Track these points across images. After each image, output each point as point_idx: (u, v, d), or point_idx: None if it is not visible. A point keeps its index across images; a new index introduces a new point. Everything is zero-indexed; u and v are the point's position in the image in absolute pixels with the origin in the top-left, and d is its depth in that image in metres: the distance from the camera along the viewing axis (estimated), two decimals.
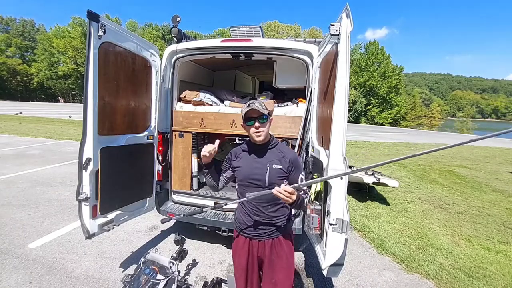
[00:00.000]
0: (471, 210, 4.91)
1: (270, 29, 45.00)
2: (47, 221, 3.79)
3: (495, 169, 8.96)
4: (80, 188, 2.22)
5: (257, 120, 1.52)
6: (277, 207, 1.64)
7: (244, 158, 1.65)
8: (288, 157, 1.60)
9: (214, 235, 3.14)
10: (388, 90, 41.80)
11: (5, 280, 2.53)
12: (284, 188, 1.30)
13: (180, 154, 3.28)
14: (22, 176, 5.84)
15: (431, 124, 42.89)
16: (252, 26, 3.38)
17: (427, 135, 24.27)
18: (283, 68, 3.38)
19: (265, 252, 1.64)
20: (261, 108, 1.51)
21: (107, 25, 2.13)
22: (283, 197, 1.30)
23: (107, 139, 2.36)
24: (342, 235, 1.63)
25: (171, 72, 3.12)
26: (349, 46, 1.64)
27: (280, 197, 1.31)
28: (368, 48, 44.29)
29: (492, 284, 2.78)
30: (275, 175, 1.56)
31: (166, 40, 52.52)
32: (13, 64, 55.28)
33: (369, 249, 3.43)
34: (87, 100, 2.10)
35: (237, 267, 1.74)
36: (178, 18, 2.97)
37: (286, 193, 1.29)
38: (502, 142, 19.07)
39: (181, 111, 3.24)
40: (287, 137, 2.91)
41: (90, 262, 2.88)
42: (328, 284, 2.74)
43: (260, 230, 1.62)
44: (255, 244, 1.66)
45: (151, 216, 3.86)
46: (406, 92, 57.16)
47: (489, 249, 3.50)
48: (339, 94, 1.66)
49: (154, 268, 1.89)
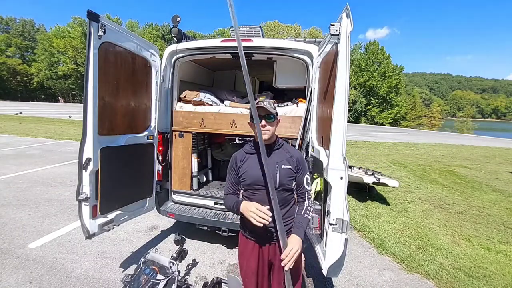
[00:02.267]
0: (471, 210, 4.91)
1: (270, 29, 44.98)
2: (47, 221, 3.79)
3: (495, 169, 8.96)
4: (80, 188, 2.22)
5: (264, 118, 1.50)
6: (288, 207, 1.61)
7: (250, 160, 1.59)
8: (296, 156, 1.59)
9: (214, 235, 3.14)
10: (388, 90, 41.79)
11: (5, 280, 2.53)
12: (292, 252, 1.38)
13: (180, 154, 3.28)
14: (22, 176, 5.84)
15: (431, 124, 42.89)
16: (252, 26, 3.38)
17: (427, 135, 24.27)
18: (283, 68, 3.38)
19: (276, 256, 1.60)
20: (269, 107, 1.49)
21: (107, 25, 2.13)
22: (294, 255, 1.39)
23: (107, 139, 2.36)
24: (342, 235, 1.63)
25: (171, 72, 3.12)
26: (349, 46, 1.64)
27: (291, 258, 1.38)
28: (368, 48, 44.31)
29: (492, 284, 2.78)
30: (285, 176, 1.53)
31: (166, 40, 52.53)
32: (13, 64, 55.26)
33: (369, 249, 3.43)
34: (87, 100, 2.10)
35: (246, 271, 1.69)
36: (178, 18, 2.97)
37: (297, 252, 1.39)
38: (502, 142, 19.09)
39: (181, 111, 3.24)
40: (287, 137, 2.91)
41: (90, 262, 2.88)
42: (328, 284, 2.74)
43: (271, 234, 1.58)
44: (265, 248, 1.62)
45: (151, 216, 3.86)
46: (406, 92, 57.17)
47: (489, 249, 3.50)
48: (339, 94, 1.66)
49: (154, 268, 1.89)
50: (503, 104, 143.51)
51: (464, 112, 61.33)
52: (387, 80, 41.42)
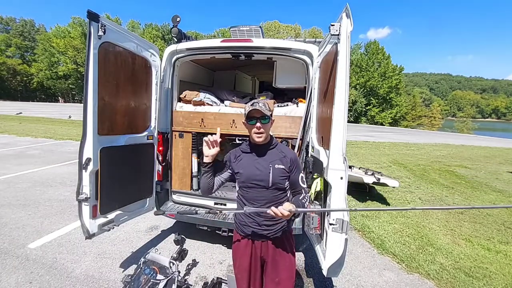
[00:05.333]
0: (471, 210, 4.90)
1: (270, 29, 44.98)
2: (47, 221, 3.79)
3: (495, 169, 8.95)
4: (80, 188, 2.21)
5: (259, 120, 1.52)
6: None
7: (245, 159, 1.64)
8: (289, 156, 1.62)
9: (214, 235, 3.14)
10: (388, 90, 41.81)
11: (5, 280, 2.53)
12: (281, 211, 1.36)
13: (180, 154, 3.28)
14: (22, 176, 5.85)
15: (431, 124, 42.91)
16: (252, 26, 3.38)
17: (427, 135, 24.28)
18: (283, 68, 3.38)
19: (269, 252, 1.64)
20: (264, 108, 1.51)
21: (107, 25, 2.13)
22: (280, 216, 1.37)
23: (107, 139, 2.36)
24: (342, 235, 1.63)
25: (171, 72, 3.12)
26: (349, 46, 1.64)
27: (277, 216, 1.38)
28: (368, 48, 44.31)
29: (492, 284, 2.78)
30: (278, 175, 1.57)
31: (166, 40, 52.55)
32: (13, 64, 55.28)
33: (369, 249, 3.43)
34: (87, 100, 2.10)
35: (238, 268, 1.72)
36: (178, 18, 2.97)
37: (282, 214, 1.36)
38: (502, 142, 19.08)
39: (181, 111, 3.24)
40: (287, 137, 2.91)
41: (90, 262, 2.88)
42: (328, 284, 2.74)
43: (263, 231, 1.62)
44: (258, 245, 1.65)
45: (151, 216, 3.86)
46: (406, 92, 57.19)
47: (489, 249, 3.50)
48: (339, 94, 1.66)
49: (154, 268, 1.89)
50: (503, 104, 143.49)
51: (464, 112, 61.34)
52: (387, 80, 41.44)
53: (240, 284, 1.73)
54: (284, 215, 1.36)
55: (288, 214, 1.36)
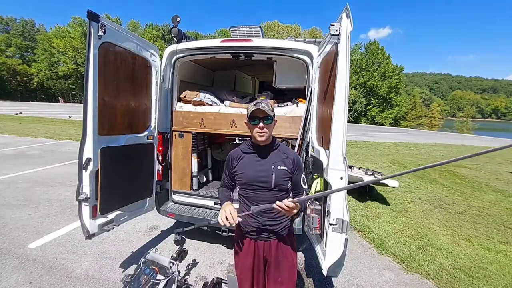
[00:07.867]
0: (471, 210, 4.91)
1: (270, 29, 45.02)
2: (47, 221, 3.79)
3: (495, 169, 8.96)
4: (80, 188, 2.21)
5: (262, 120, 1.52)
6: None
7: (246, 160, 1.62)
8: (291, 157, 1.61)
9: (214, 235, 3.14)
10: (388, 90, 41.82)
11: (5, 280, 2.53)
12: (286, 203, 1.35)
13: (180, 154, 3.28)
14: (22, 176, 5.85)
15: (431, 124, 42.91)
16: (252, 26, 3.38)
17: (427, 135, 24.27)
18: (283, 68, 3.38)
19: (271, 252, 1.63)
20: (267, 109, 1.51)
21: (107, 25, 2.13)
22: (285, 211, 1.37)
23: (107, 139, 2.36)
24: (342, 235, 1.63)
25: (171, 72, 3.12)
26: (349, 46, 1.64)
27: (282, 211, 1.37)
28: (368, 48, 44.31)
29: (492, 284, 2.78)
30: (280, 176, 1.56)
31: (166, 40, 52.51)
32: (13, 64, 55.24)
33: (369, 249, 3.43)
34: (87, 100, 2.10)
35: (241, 268, 1.71)
36: (178, 18, 2.97)
37: (288, 208, 1.35)
38: (502, 142, 19.08)
39: (181, 111, 3.24)
40: (287, 137, 2.91)
41: (90, 262, 2.88)
42: (328, 284, 2.74)
43: (266, 231, 1.61)
44: (260, 244, 1.64)
45: (151, 216, 3.85)
46: (406, 92, 57.22)
47: (489, 249, 3.50)
48: (339, 94, 1.66)
49: (154, 268, 1.88)
50: (503, 104, 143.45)
51: (464, 112, 61.39)
52: (387, 80, 41.44)
53: (242, 284, 1.72)
54: (289, 207, 1.35)
55: (293, 206, 1.36)
